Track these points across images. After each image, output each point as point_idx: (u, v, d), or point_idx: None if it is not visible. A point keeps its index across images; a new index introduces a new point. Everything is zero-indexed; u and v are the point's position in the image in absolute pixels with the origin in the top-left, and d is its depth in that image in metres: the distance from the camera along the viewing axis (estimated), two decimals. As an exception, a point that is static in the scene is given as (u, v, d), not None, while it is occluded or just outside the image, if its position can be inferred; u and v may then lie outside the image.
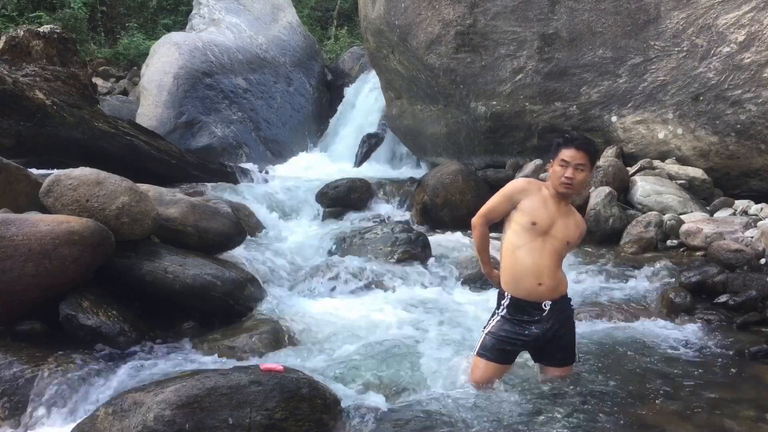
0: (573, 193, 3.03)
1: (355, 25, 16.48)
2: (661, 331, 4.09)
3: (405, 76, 8.79)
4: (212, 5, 12.87)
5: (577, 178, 2.93)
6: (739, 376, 3.37)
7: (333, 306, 4.59)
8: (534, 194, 3.02)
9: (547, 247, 2.98)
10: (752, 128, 6.02)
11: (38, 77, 7.18)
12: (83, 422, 2.62)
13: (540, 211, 2.99)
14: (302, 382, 2.74)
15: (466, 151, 8.32)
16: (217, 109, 11.00)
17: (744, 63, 5.98)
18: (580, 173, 2.93)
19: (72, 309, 3.59)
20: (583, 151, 2.93)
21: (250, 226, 6.05)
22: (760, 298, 4.24)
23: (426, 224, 6.94)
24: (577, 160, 2.92)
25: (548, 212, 2.99)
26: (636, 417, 2.86)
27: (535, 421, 2.83)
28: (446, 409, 2.96)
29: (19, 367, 3.15)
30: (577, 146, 2.94)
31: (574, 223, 3.07)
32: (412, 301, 4.73)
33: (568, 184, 2.94)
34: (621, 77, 6.76)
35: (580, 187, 3.01)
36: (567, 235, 3.02)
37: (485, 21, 7.42)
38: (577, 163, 2.92)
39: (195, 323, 4.04)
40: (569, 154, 2.93)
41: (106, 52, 15.05)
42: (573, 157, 2.93)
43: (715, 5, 6.13)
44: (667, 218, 5.65)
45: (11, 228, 3.46)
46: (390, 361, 3.61)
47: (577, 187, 2.98)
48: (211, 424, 2.47)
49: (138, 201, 4.05)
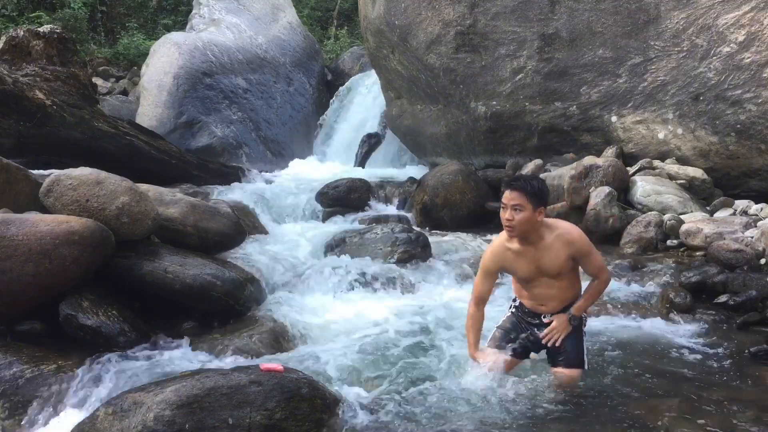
0: (519, 234, 3.02)
1: (355, 25, 16.48)
2: (661, 331, 4.09)
3: (405, 76, 8.79)
4: (212, 5, 12.87)
5: (515, 218, 2.95)
6: (739, 376, 3.37)
7: (333, 306, 4.59)
8: (504, 256, 3.14)
9: (542, 283, 3.14)
10: (752, 128, 6.01)
11: (38, 77, 7.18)
12: (83, 422, 2.62)
13: (517, 266, 3.13)
14: (302, 382, 2.74)
15: (466, 151, 8.32)
16: (217, 109, 11.01)
17: (744, 63, 5.98)
18: (518, 213, 2.95)
19: (72, 309, 3.59)
20: (517, 191, 2.96)
21: (250, 226, 6.05)
22: (760, 298, 4.24)
23: (426, 224, 6.94)
24: (513, 201, 2.96)
25: (525, 262, 3.10)
26: (636, 417, 2.86)
27: (536, 420, 2.84)
28: (447, 408, 2.96)
29: (19, 367, 3.15)
30: (511, 188, 2.99)
31: (554, 255, 3.04)
32: (412, 300, 4.74)
33: (509, 226, 3.00)
34: (621, 77, 6.76)
35: (523, 227, 2.97)
36: (553, 270, 3.08)
37: (485, 21, 7.42)
38: (513, 204, 2.95)
39: (195, 323, 4.04)
40: (505, 196, 3.01)
41: (106, 52, 15.05)
42: (508, 198, 2.98)
43: (715, 5, 6.13)
44: (667, 218, 5.65)
45: (11, 228, 3.46)
46: (390, 360, 3.62)
47: (518, 227, 2.97)
48: (211, 424, 2.47)
49: (138, 201, 4.05)
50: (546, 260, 3.06)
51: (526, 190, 2.96)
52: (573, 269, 3.15)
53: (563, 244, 3.05)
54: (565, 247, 3.05)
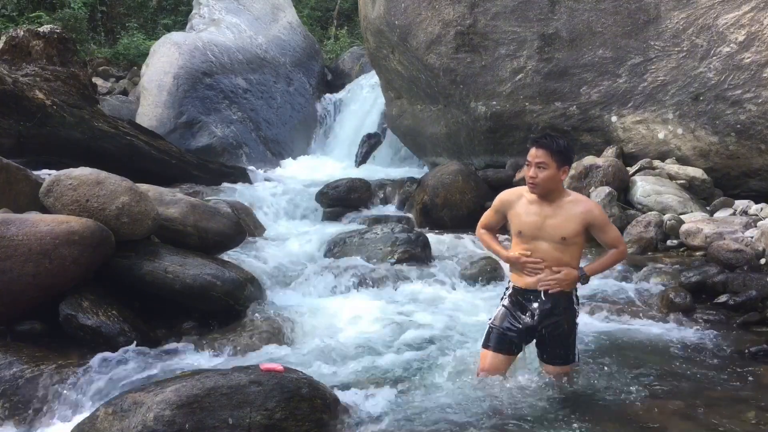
0: (541, 192, 3.00)
1: (355, 25, 16.47)
2: (661, 331, 4.09)
3: (405, 76, 8.79)
4: (212, 5, 12.87)
5: (539, 176, 2.94)
6: (739, 376, 3.37)
7: (333, 306, 4.59)
8: (516, 203, 3.11)
9: (541, 248, 3.03)
10: (752, 128, 6.01)
11: (38, 77, 7.18)
12: (83, 422, 2.62)
13: (522, 218, 3.07)
14: (302, 382, 2.74)
15: (466, 151, 8.32)
16: (217, 109, 11.00)
17: (744, 63, 5.98)
18: (542, 171, 2.93)
19: (72, 309, 3.59)
20: (543, 148, 2.94)
21: (250, 226, 6.05)
22: (760, 298, 4.24)
23: (426, 224, 6.94)
24: (538, 159, 2.94)
25: (531, 218, 3.04)
26: (636, 417, 2.87)
27: (535, 420, 2.84)
28: (447, 407, 2.96)
29: (19, 367, 3.15)
30: (537, 145, 2.97)
31: (565, 218, 3.00)
32: (412, 300, 4.74)
33: (532, 184, 2.98)
34: (621, 77, 6.76)
35: (547, 185, 2.96)
36: (559, 232, 3.00)
37: (485, 21, 7.42)
38: (537, 162, 2.94)
39: (195, 323, 4.04)
40: (531, 153, 2.99)
41: (106, 52, 15.04)
42: (533, 156, 2.97)
43: (715, 5, 6.13)
44: (667, 218, 5.65)
45: (11, 228, 3.46)
46: (390, 360, 3.62)
47: (542, 185, 2.96)
48: (211, 424, 2.47)
49: (138, 201, 4.05)
50: (556, 220, 2.99)
51: (552, 148, 2.94)
52: (577, 245, 3.03)
53: (581, 211, 3.01)
54: (581, 214, 3.00)
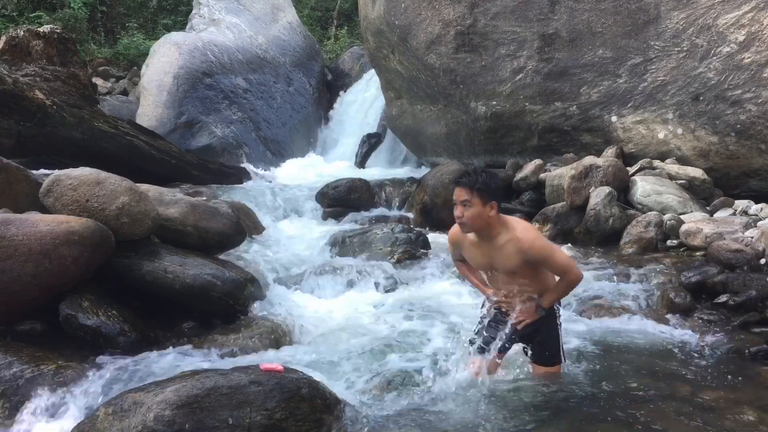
0: (471, 230, 3.00)
1: (355, 25, 16.47)
2: (661, 331, 4.09)
3: (405, 76, 8.79)
4: (212, 5, 12.87)
5: (465, 215, 2.92)
6: (739, 376, 3.37)
7: (333, 306, 4.59)
8: (462, 243, 3.16)
9: (499, 278, 3.12)
10: (752, 128, 6.01)
11: (38, 77, 7.19)
12: (83, 422, 2.62)
13: (472, 258, 3.17)
14: (302, 382, 2.74)
15: (466, 151, 8.32)
16: (217, 109, 11.01)
17: (744, 63, 5.98)
18: (467, 209, 2.91)
19: (72, 309, 3.59)
20: (463, 187, 2.92)
21: (250, 226, 6.05)
22: (760, 298, 4.23)
23: (426, 224, 6.94)
24: (461, 197, 2.93)
25: (478, 258, 3.12)
26: (636, 417, 2.86)
27: (535, 421, 2.84)
28: (447, 407, 2.96)
29: (19, 367, 3.15)
30: (457, 184, 2.97)
31: (506, 257, 2.98)
32: (412, 300, 4.74)
33: (460, 223, 2.99)
34: (621, 77, 6.76)
35: (474, 222, 2.93)
36: (508, 267, 3.02)
37: (485, 21, 7.42)
38: (461, 200, 2.93)
39: (195, 323, 4.04)
40: (454, 193, 2.99)
41: (106, 52, 15.05)
42: (456, 195, 2.97)
43: (715, 5, 6.13)
44: (667, 218, 5.64)
45: (11, 228, 3.45)
46: (390, 360, 3.62)
47: (469, 223, 2.94)
48: (211, 424, 2.47)
49: (138, 201, 4.05)
50: (498, 259, 3.02)
51: (473, 186, 2.91)
52: (534, 268, 3.03)
53: (516, 250, 2.96)
54: (517, 253, 2.96)
